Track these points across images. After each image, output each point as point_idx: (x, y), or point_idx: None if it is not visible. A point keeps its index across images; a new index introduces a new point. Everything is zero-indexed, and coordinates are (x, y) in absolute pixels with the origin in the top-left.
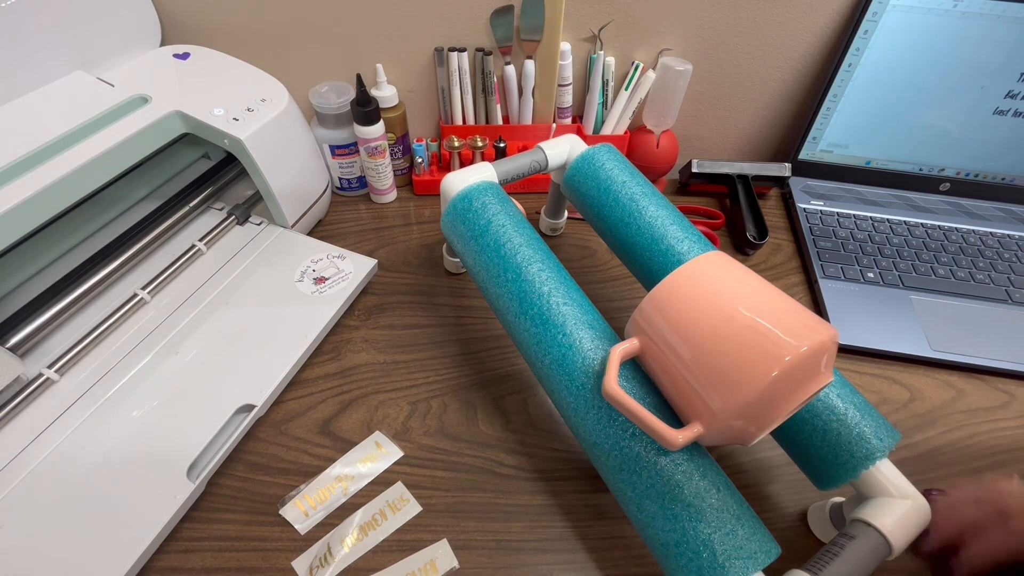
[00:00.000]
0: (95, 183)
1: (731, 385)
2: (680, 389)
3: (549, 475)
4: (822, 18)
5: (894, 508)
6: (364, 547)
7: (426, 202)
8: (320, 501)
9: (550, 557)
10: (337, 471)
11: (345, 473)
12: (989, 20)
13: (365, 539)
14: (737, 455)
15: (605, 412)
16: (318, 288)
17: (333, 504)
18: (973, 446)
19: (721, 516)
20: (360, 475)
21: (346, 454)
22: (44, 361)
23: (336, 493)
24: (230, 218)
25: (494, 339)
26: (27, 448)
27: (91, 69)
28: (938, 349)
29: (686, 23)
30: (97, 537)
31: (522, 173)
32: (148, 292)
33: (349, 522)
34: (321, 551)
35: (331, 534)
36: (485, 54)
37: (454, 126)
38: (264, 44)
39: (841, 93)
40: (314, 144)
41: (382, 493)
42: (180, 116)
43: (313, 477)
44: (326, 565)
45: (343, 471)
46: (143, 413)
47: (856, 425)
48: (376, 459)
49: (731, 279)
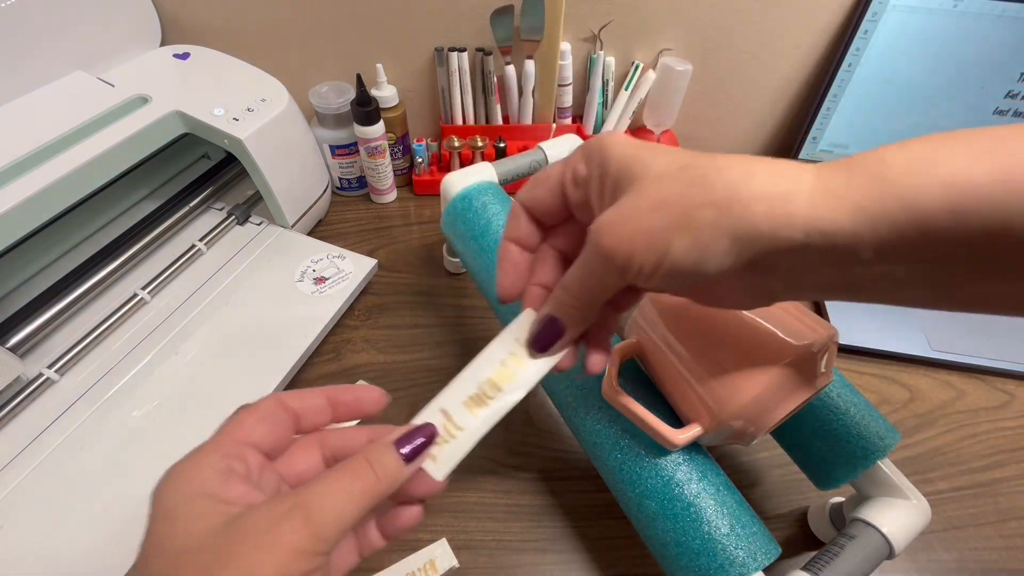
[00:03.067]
0: (95, 183)
1: (731, 385)
2: (680, 389)
3: (549, 475)
4: (822, 18)
5: (894, 508)
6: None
7: (426, 202)
8: None
9: (550, 557)
10: None
11: None
12: (989, 20)
13: None
14: (737, 455)
15: (605, 412)
16: (318, 288)
17: None
18: (973, 446)
19: (721, 516)
20: None
21: None
22: (44, 361)
23: None
24: (230, 218)
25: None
26: (27, 448)
27: (91, 69)
28: (938, 349)
29: (686, 23)
30: (97, 537)
31: (522, 173)
32: (148, 292)
33: None
34: None
35: None
36: (485, 54)
37: (454, 126)
38: (264, 44)
39: (841, 93)
40: (314, 144)
41: None
42: (180, 116)
43: None
44: None
45: None
46: (143, 413)
47: (856, 425)
48: None
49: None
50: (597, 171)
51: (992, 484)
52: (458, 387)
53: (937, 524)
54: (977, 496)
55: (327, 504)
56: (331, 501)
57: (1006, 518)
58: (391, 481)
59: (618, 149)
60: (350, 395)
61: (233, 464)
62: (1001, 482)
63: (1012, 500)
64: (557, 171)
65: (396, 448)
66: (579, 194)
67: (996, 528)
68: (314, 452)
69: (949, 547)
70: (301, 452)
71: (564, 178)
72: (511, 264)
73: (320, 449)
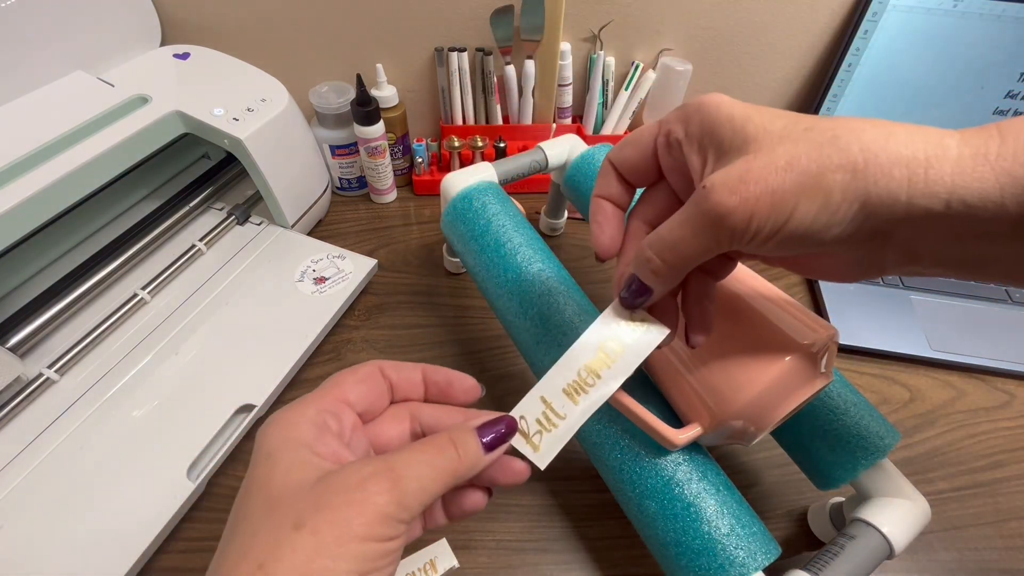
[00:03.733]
0: (95, 183)
1: (731, 385)
2: (680, 389)
3: (549, 475)
4: (822, 18)
5: (894, 508)
6: None
7: (426, 202)
8: None
9: (550, 557)
10: None
11: None
12: (989, 20)
13: None
14: (737, 455)
15: (605, 412)
16: (318, 288)
17: None
18: (973, 446)
19: (721, 516)
20: None
21: None
22: (44, 361)
23: None
24: (230, 218)
25: (494, 339)
26: (27, 448)
27: (91, 69)
28: (938, 349)
29: (686, 23)
30: (97, 537)
31: (522, 173)
32: (148, 292)
33: None
34: None
35: None
36: (485, 54)
37: (454, 126)
38: (264, 44)
39: (841, 93)
40: (314, 144)
41: None
42: (180, 116)
43: None
44: None
45: None
46: (143, 413)
47: (856, 425)
48: None
49: (731, 279)
50: (697, 132)
51: (992, 484)
52: (557, 374)
53: (937, 524)
54: (977, 496)
55: (412, 473)
56: (417, 471)
57: (1006, 518)
58: (471, 464)
59: (725, 109)
60: (441, 376)
61: (328, 420)
62: (1001, 482)
63: (1012, 500)
64: (649, 132)
65: (477, 435)
66: (672, 158)
67: (996, 528)
68: (404, 423)
69: (949, 547)
70: (392, 420)
71: (657, 140)
72: (605, 219)
73: (410, 421)
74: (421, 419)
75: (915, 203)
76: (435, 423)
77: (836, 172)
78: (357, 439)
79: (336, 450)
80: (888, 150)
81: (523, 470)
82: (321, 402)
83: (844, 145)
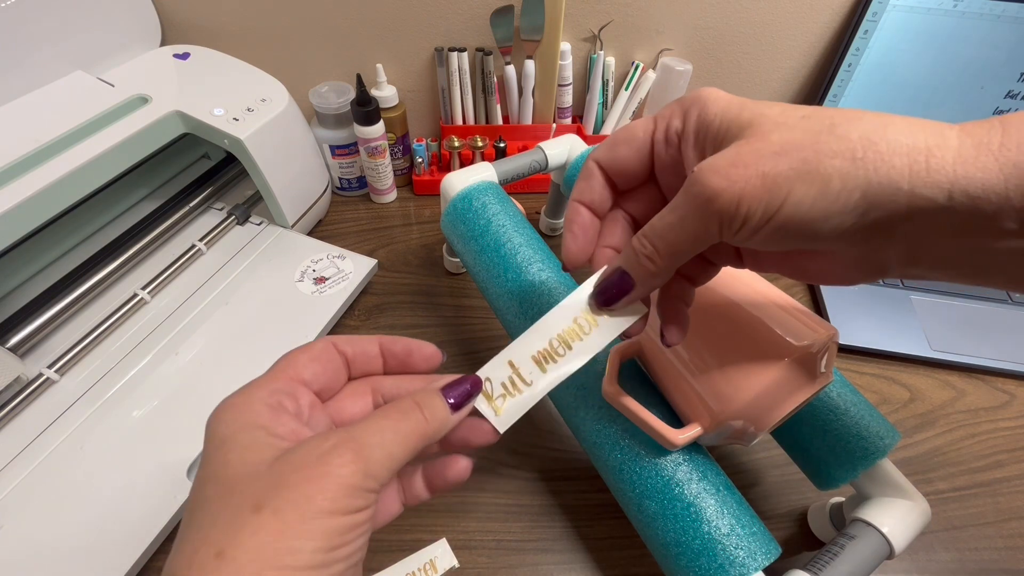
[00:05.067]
0: (95, 183)
1: (731, 385)
2: (680, 389)
3: (549, 475)
4: (822, 18)
5: (894, 508)
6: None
7: (426, 202)
8: None
9: (550, 557)
10: None
11: None
12: (989, 20)
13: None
14: (737, 455)
15: (605, 412)
16: (318, 288)
17: None
18: (973, 446)
19: (721, 516)
20: None
21: None
22: (44, 361)
23: None
24: (230, 218)
25: (494, 339)
26: (27, 448)
27: (91, 69)
28: (938, 349)
29: (686, 23)
30: (97, 537)
31: (522, 173)
32: (148, 292)
33: None
34: None
35: None
36: (485, 54)
37: (454, 126)
38: (264, 44)
39: (841, 93)
40: (314, 144)
41: None
42: (180, 116)
43: None
44: None
45: None
46: (143, 413)
47: (856, 425)
48: None
49: (731, 279)
50: (695, 123)
51: (992, 484)
52: (528, 341)
53: (937, 524)
54: (977, 496)
55: (376, 440)
56: (380, 438)
57: (1006, 518)
58: (439, 424)
59: (723, 99)
60: (400, 346)
61: (283, 400)
62: (1001, 482)
63: (1012, 500)
64: (644, 127)
65: (443, 395)
66: (670, 153)
67: (996, 528)
68: (365, 397)
69: (949, 547)
70: (353, 396)
71: (655, 135)
72: (582, 228)
73: (372, 395)
74: (383, 391)
75: (917, 192)
76: (398, 392)
77: (835, 159)
78: (317, 418)
79: (295, 429)
80: (888, 139)
81: (490, 432)
82: (274, 383)
83: (842, 133)
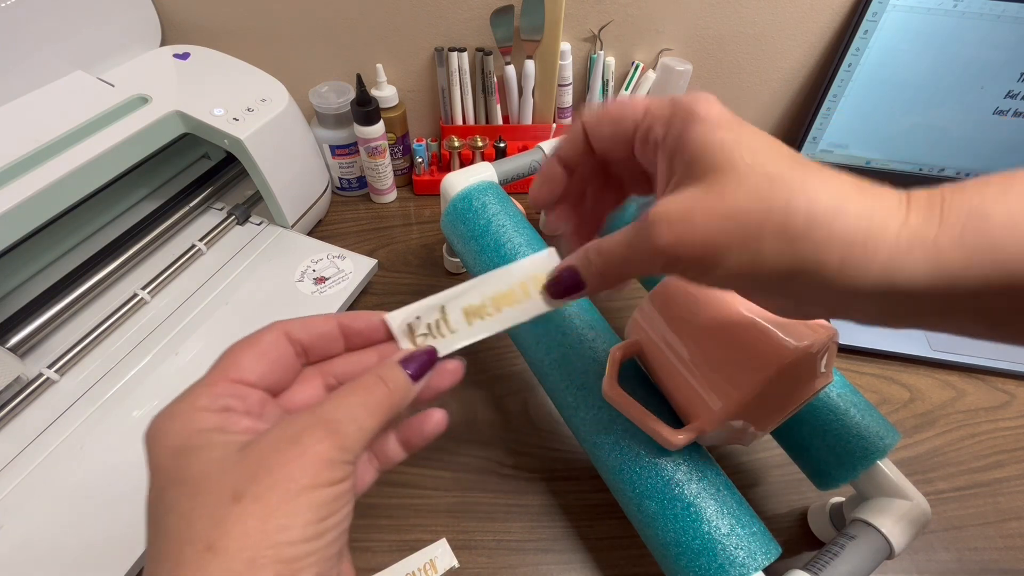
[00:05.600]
0: (95, 183)
1: (731, 385)
2: (680, 389)
3: (549, 475)
4: (822, 18)
5: (894, 508)
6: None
7: (426, 202)
8: None
9: (550, 557)
10: None
11: None
12: (989, 20)
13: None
14: (737, 455)
15: (605, 412)
16: (318, 288)
17: None
18: (973, 446)
19: (721, 516)
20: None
21: None
22: (44, 361)
23: None
24: (230, 218)
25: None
26: (27, 448)
27: (91, 69)
28: (938, 349)
29: (686, 23)
30: (97, 537)
31: (522, 173)
32: (148, 292)
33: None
34: None
35: None
36: (485, 54)
37: (454, 126)
38: (264, 44)
39: (841, 93)
40: (314, 144)
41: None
42: (180, 116)
43: None
44: None
45: None
46: (143, 413)
47: (856, 425)
48: None
49: None
50: (673, 142)
51: (992, 484)
52: (464, 293)
53: (937, 524)
54: (977, 496)
55: (345, 416)
56: (350, 413)
57: (1006, 518)
58: (403, 394)
59: (711, 120)
60: (362, 322)
61: (229, 402)
62: (1001, 482)
63: (1012, 500)
64: (632, 115)
65: (403, 367)
66: (647, 153)
67: (996, 528)
68: (315, 380)
69: (949, 547)
70: (300, 385)
71: (636, 131)
72: (548, 176)
73: (322, 378)
74: (334, 372)
75: (844, 284)
76: (352, 370)
77: (776, 239)
78: (269, 411)
79: (249, 426)
80: (832, 227)
81: (457, 368)
82: (214, 388)
83: (793, 211)
